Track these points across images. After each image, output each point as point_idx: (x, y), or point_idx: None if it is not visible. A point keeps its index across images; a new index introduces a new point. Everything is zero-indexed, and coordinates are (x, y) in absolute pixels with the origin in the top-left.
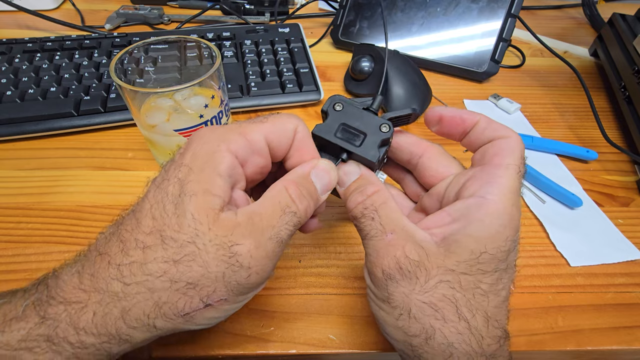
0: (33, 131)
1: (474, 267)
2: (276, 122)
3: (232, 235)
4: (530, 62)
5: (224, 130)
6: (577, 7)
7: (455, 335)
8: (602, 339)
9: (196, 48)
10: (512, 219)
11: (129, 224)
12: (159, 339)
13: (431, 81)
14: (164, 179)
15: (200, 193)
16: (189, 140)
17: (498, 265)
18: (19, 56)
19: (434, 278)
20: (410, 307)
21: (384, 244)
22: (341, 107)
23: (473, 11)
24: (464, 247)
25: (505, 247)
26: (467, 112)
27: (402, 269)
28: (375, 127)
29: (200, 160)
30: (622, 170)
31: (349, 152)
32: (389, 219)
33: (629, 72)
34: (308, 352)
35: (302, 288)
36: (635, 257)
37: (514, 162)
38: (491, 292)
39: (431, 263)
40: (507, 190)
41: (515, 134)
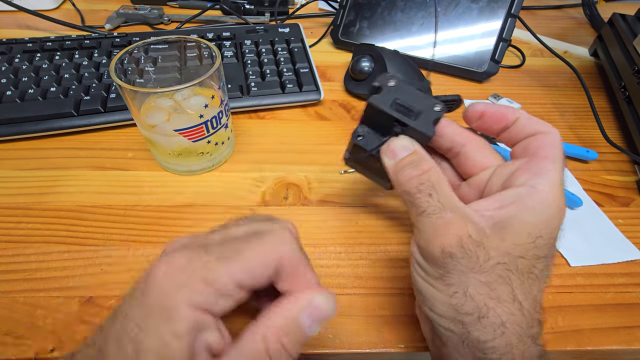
0: (33, 131)
1: (530, 252)
2: (253, 258)
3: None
4: (530, 62)
5: (187, 275)
6: (577, 7)
7: (508, 316)
8: (602, 339)
9: (196, 48)
10: (560, 209)
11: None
12: None
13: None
14: (123, 333)
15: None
16: (149, 287)
17: (550, 250)
18: (19, 56)
19: (493, 259)
20: (468, 285)
21: (444, 221)
22: (394, 83)
23: (473, 11)
24: (520, 231)
25: (556, 234)
26: (507, 108)
27: (464, 248)
28: (429, 106)
29: (156, 318)
30: (622, 170)
31: (404, 125)
32: (447, 197)
33: (629, 72)
34: (308, 352)
35: None
36: (635, 257)
37: (559, 156)
38: (540, 277)
39: (490, 243)
40: (555, 182)
41: (555, 130)
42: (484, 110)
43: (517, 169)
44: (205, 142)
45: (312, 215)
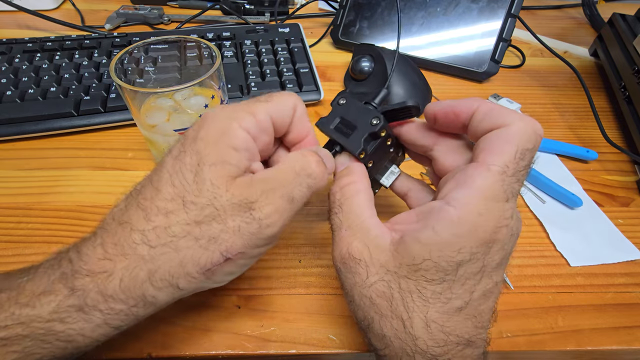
0: (33, 131)
1: (417, 273)
2: (279, 102)
3: (246, 193)
4: (530, 62)
5: (234, 108)
6: (577, 7)
7: (390, 330)
8: (602, 339)
9: (196, 48)
10: (474, 229)
11: (148, 192)
12: (160, 339)
13: (431, 81)
14: (181, 151)
15: (218, 163)
16: (203, 118)
17: (444, 275)
18: (19, 56)
19: (374, 276)
20: (354, 296)
21: (338, 237)
22: (344, 101)
23: (473, 11)
24: (408, 251)
25: (456, 257)
26: (462, 103)
27: (345, 264)
28: (367, 121)
29: (215, 135)
30: (622, 170)
31: (339, 144)
32: (350, 214)
33: (629, 72)
34: (308, 352)
35: (302, 288)
36: (635, 257)
37: (497, 161)
38: (435, 299)
39: (373, 262)
40: (476, 195)
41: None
42: (434, 111)
43: (449, 178)
44: None
45: (312, 215)
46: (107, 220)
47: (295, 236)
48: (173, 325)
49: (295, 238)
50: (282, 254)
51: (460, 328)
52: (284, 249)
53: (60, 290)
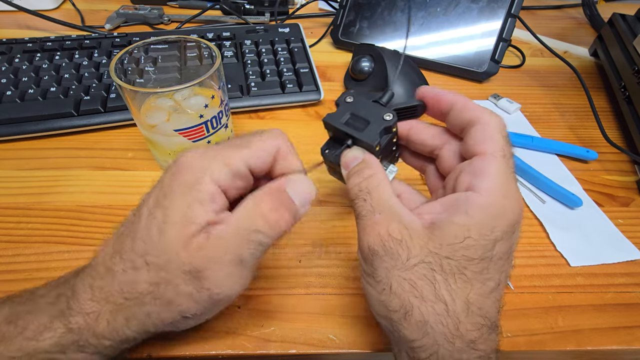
0: (33, 131)
1: (458, 253)
2: (258, 147)
3: (195, 262)
4: (530, 62)
5: (209, 159)
6: (577, 7)
7: (433, 315)
8: (602, 339)
9: (196, 48)
10: (503, 211)
11: (128, 242)
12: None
13: (431, 81)
14: (154, 205)
15: (179, 222)
16: (179, 165)
17: (484, 253)
18: (19, 56)
19: (416, 257)
20: (392, 282)
21: (371, 222)
22: (352, 99)
23: (473, 11)
24: (447, 232)
25: (492, 235)
26: (445, 93)
27: (385, 246)
28: (379, 116)
29: (185, 188)
30: (622, 170)
31: (352, 137)
32: (380, 200)
33: (629, 72)
34: (308, 352)
35: (302, 288)
36: (635, 257)
37: (495, 148)
38: (476, 279)
39: (414, 243)
40: (496, 181)
41: (492, 116)
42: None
43: (461, 172)
44: (205, 142)
45: (312, 215)
46: (99, 259)
47: (295, 236)
48: None
49: (295, 238)
50: (282, 254)
51: (491, 311)
52: (284, 249)
53: (59, 328)
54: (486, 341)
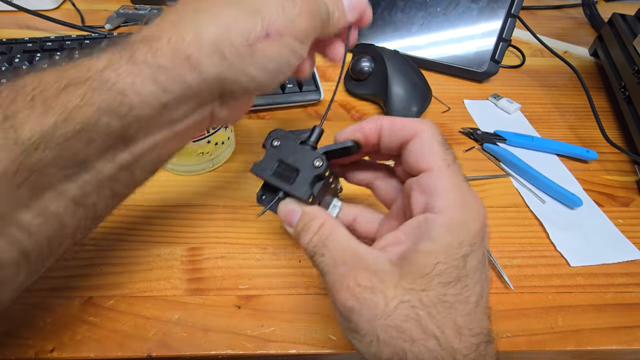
0: None
1: (433, 282)
2: None
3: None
4: (530, 62)
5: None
6: (577, 7)
7: (427, 353)
8: (602, 339)
9: None
10: (465, 224)
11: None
12: (160, 339)
13: (431, 81)
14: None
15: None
16: None
17: (458, 273)
18: (19, 56)
19: (393, 300)
20: (377, 333)
21: (338, 277)
22: (278, 143)
23: (473, 11)
24: (416, 263)
25: (460, 252)
26: (365, 124)
27: (358, 299)
28: (309, 163)
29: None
30: (622, 170)
31: (283, 191)
32: (338, 250)
33: (629, 72)
34: (308, 352)
35: (302, 288)
36: (635, 257)
37: (437, 161)
38: (458, 302)
39: (387, 284)
40: (450, 195)
41: (423, 125)
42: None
43: (411, 190)
44: (205, 142)
45: None
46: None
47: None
48: (173, 325)
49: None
50: (282, 254)
51: (482, 325)
52: (283, 249)
53: (114, 50)
54: (485, 355)
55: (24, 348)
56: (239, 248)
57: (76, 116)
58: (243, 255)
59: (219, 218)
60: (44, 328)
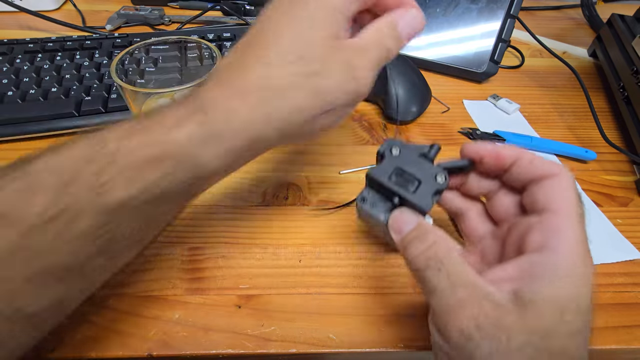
0: (34, 131)
1: (561, 329)
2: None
3: (350, 57)
4: (529, 62)
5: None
6: (576, 7)
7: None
8: (601, 339)
9: (197, 48)
10: (584, 274)
11: (260, 41)
12: (160, 338)
13: (430, 81)
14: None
15: (327, 25)
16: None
17: (582, 321)
18: (20, 57)
19: (517, 339)
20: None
21: (457, 300)
22: (398, 152)
23: (472, 12)
24: (542, 307)
25: (585, 303)
26: (506, 148)
27: (481, 329)
28: (430, 176)
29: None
30: (621, 170)
31: (401, 197)
32: (457, 272)
33: (628, 73)
34: (308, 352)
35: (302, 288)
36: (634, 256)
37: (571, 208)
38: (576, 356)
39: (511, 322)
40: (572, 242)
41: (564, 170)
42: (480, 153)
43: (530, 228)
44: None
45: (312, 215)
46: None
47: (296, 236)
48: (173, 324)
49: (295, 238)
50: (282, 254)
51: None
52: (284, 249)
53: (194, 120)
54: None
55: None
56: (240, 248)
57: (157, 186)
58: (243, 255)
59: (220, 218)
60: None
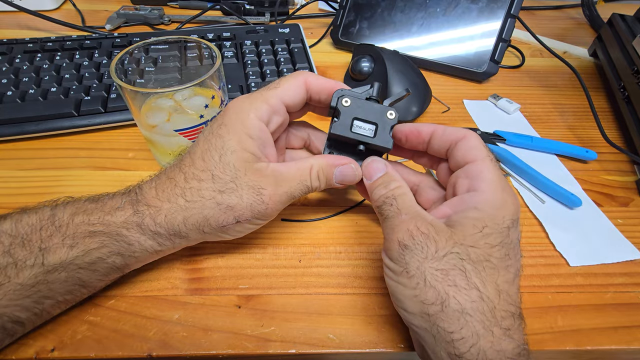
0: (34, 131)
1: (481, 241)
2: (287, 86)
3: (260, 182)
4: (530, 62)
5: (253, 99)
6: (576, 7)
7: (469, 303)
8: (601, 339)
9: (196, 48)
10: (505, 202)
11: (187, 161)
12: (160, 339)
13: (431, 81)
14: (210, 133)
15: (238, 150)
16: (227, 107)
17: (503, 239)
18: (20, 56)
19: (444, 249)
20: (425, 274)
21: (399, 221)
22: (348, 103)
23: (472, 12)
24: (466, 224)
25: (504, 223)
26: (423, 126)
27: (414, 239)
28: (383, 115)
29: (236, 124)
30: (622, 170)
31: (366, 144)
32: (405, 205)
33: (628, 73)
34: (308, 352)
35: (302, 288)
36: (634, 257)
37: (484, 154)
38: (500, 266)
39: (440, 237)
40: (492, 179)
41: (470, 132)
42: (405, 132)
43: (458, 178)
44: None
45: (312, 215)
46: (161, 173)
47: (295, 236)
48: (173, 324)
49: (295, 238)
50: (282, 254)
51: (517, 299)
52: (283, 249)
53: (128, 210)
54: (518, 331)
55: (24, 347)
56: (239, 248)
57: (92, 254)
58: (243, 255)
59: None
60: (44, 328)
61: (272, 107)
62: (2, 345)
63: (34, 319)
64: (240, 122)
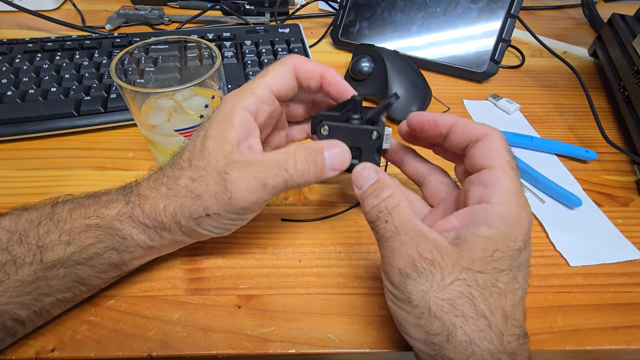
0: (34, 131)
1: (489, 265)
2: (274, 73)
3: (227, 167)
4: (530, 62)
5: (240, 91)
6: (576, 7)
7: (477, 332)
8: (601, 339)
9: (196, 48)
10: (521, 220)
11: (180, 154)
12: (160, 339)
13: (431, 81)
14: (200, 127)
15: (217, 136)
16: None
17: (512, 263)
18: (20, 56)
19: (450, 276)
20: (430, 304)
21: (398, 244)
22: (327, 132)
23: (472, 11)
24: (476, 246)
25: (516, 245)
26: (442, 116)
27: (417, 267)
28: (366, 137)
29: (222, 116)
30: (622, 170)
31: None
32: (402, 221)
33: (628, 73)
34: (308, 352)
35: (302, 288)
36: (634, 257)
37: (503, 161)
38: (508, 291)
39: (445, 261)
40: (509, 190)
41: (495, 130)
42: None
43: (471, 185)
44: None
45: (312, 215)
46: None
47: (295, 236)
48: (173, 324)
49: (295, 238)
50: (282, 254)
51: (521, 319)
52: (284, 249)
53: (121, 202)
54: (522, 350)
55: (24, 347)
56: (239, 248)
57: (89, 249)
58: (243, 255)
59: None
60: (44, 327)
61: (259, 97)
62: (4, 345)
63: (34, 317)
64: (226, 111)
